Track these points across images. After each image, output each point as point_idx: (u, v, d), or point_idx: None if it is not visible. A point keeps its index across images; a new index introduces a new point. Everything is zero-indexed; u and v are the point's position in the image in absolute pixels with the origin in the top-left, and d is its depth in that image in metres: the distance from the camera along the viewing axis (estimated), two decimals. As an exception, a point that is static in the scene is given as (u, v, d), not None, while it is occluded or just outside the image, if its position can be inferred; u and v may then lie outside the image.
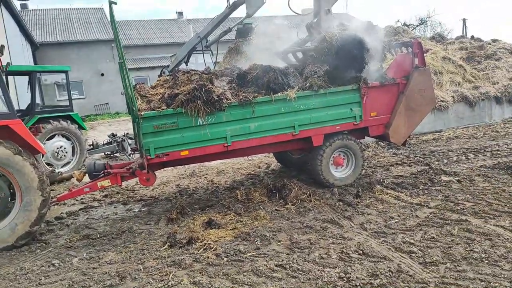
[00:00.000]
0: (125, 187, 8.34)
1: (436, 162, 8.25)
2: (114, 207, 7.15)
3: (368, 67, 6.87)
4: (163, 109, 5.86)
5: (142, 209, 6.86)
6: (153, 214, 6.53)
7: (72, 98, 10.54)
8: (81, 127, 10.10)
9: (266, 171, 8.81)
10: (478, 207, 5.58)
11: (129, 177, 6.41)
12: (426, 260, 4.20)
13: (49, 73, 10.21)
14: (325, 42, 6.60)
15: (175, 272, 4.34)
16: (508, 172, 7.14)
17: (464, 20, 35.41)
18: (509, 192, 6.11)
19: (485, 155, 8.62)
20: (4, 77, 5.85)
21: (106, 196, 7.87)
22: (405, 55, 7.27)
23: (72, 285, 4.21)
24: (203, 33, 10.00)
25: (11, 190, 5.44)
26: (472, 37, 16.82)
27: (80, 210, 7.08)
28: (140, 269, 4.48)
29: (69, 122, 9.74)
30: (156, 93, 6.37)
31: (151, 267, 4.51)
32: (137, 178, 6.31)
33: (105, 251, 5.10)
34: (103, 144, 11.44)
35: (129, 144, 10.70)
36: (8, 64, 7.52)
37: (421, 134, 11.61)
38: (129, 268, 4.51)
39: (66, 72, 10.03)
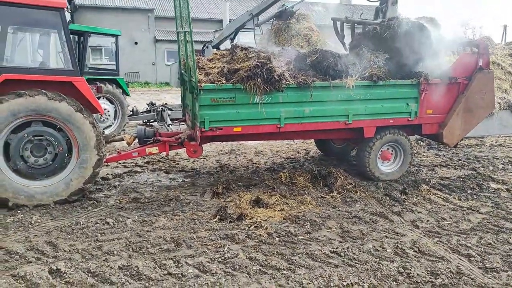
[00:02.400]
0: (165, 156, 8.40)
1: (482, 168, 8.05)
2: (157, 175, 7.23)
3: (429, 62, 6.66)
4: (222, 83, 5.83)
5: (186, 180, 6.92)
6: (197, 186, 6.58)
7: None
8: (124, 92, 10.19)
9: (305, 157, 8.75)
10: (533, 219, 5.44)
11: (176, 147, 6.50)
12: (486, 265, 4.11)
13: (99, 35, 10.19)
14: (394, 19, 6.38)
15: (229, 245, 4.37)
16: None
17: (505, 27, 33.97)
18: None
19: (533, 167, 8.36)
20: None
21: (147, 163, 7.95)
22: (470, 55, 7.01)
23: (130, 245, 4.29)
24: (256, 10, 9.80)
25: (68, 146, 5.52)
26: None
27: (124, 173, 7.18)
28: (194, 237, 4.53)
29: (114, 86, 9.83)
30: (214, 66, 6.33)
31: (204, 237, 4.56)
32: (184, 148, 6.37)
33: (155, 216, 5.17)
34: (142, 112, 11.53)
35: (169, 115, 10.75)
36: (69, 22, 7.57)
37: (463, 138, 11.29)
38: (182, 235, 4.56)
39: (116, 36, 10.07)
